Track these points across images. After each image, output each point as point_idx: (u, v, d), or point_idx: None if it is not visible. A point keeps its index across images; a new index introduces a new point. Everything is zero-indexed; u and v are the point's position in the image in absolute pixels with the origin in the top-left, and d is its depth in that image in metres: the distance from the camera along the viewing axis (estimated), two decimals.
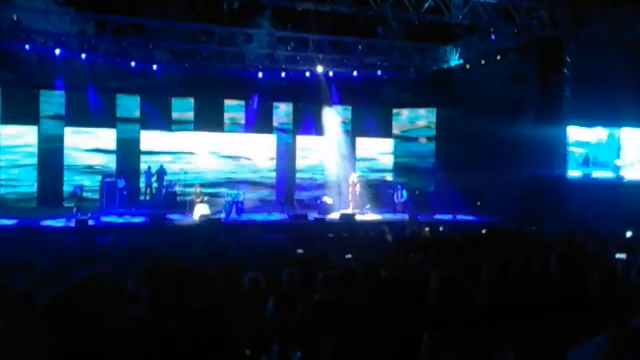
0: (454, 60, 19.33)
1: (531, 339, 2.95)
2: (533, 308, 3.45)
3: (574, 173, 17.67)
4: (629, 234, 10.67)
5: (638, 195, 16.08)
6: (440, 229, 13.18)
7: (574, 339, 2.26)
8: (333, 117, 21.58)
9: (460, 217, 17.67)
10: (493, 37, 17.20)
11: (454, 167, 19.24)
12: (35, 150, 18.55)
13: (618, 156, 18.71)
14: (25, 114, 18.20)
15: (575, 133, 17.84)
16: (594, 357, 1.89)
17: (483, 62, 18.10)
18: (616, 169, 18.59)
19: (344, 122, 21.98)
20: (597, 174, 18.30)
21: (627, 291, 3.91)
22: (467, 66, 18.87)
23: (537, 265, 4.33)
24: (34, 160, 18.54)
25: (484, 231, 12.10)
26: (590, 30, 15.87)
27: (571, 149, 17.79)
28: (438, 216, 17.73)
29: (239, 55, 19.08)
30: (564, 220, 13.24)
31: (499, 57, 17.59)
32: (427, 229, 12.20)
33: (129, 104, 19.73)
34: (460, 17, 16.04)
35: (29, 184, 18.45)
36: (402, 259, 7.03)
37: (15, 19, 15.60)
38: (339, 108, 21.81)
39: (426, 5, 15.65)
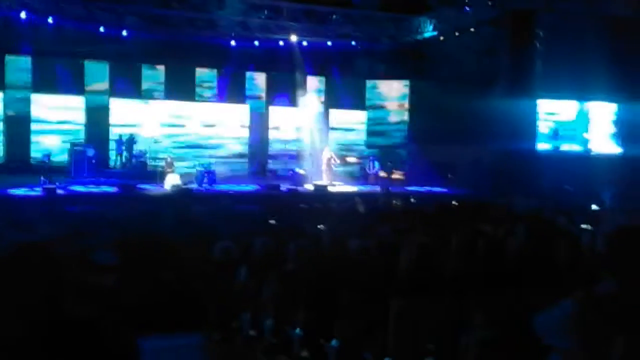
0: (428, 31, 19.29)
1: (499, 305, 3.02)
2: (501, 277, 3.51)
3: (543, 146, 17.91)
4: (594, 207, 10.92)
5: (605, 169, 16.39)
6: (412, 200, 13.31)
7: (540, 305, 2.32)
8: (307, 87, 21.46)
9: (431, 188, 17.85)
10: (467, 8, 17.19)
11: (426, 139, 19.33)
12: (0, 117, 18.09)
13: (587, 130, 19.01)
14: None
15: (546, 106, 18.03)
16: (561, 322, 1.93)
17: (457, 34, 18.10)
18: (584, 142, 18.89)
19: (317, 93, 21.85)
20: (566, 147, 18.58)
21: (591, 260, 4.01)
22: (441, 38, 18.86)
23: (506, 236, 4.41)
24: (0, 128, 18.09)
25: (454, 203, 12.28)
26: (563, 4, 15.97)
27: (541, 121, 18.00)
28: (410, 188, 17.87)
29: (211, 22, 18.73)
30: (533, 193, 13.45)
31: (473, 30, 17.62)
32: (398, 200, 12.31)
33: (98, 71, 19.31)
34: None
35: None
36: (373, 230, 7.08)
37: None
38: (312, 79, 21.68)
39: None
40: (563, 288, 3.29)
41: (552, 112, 18.39)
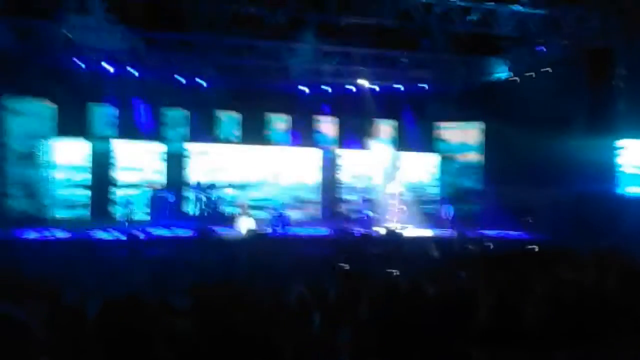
0: (501, 73, 19.04)
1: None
2: (589, 328, 3.32)
3: (635, 189, 16.85)
4: None
5: None
6: (489, 245, 12.92)
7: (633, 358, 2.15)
8: (377, 130, 21.56)
9: (508, 233, 17.29)
10: (542, 49, 16.88)
11: (502, 182, 18.86)
12: (87, 163, 19.02)
13: None
14: (77, 129, 18.72)
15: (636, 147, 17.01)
16: None
17: (532, 74, 17.74)
18: None
19: (388, 136, 21.90)
20: None
21: None
22: (515, 79, 18.54)
23: (593, 284, 4.18)
24: (87, 175, 18.99)
25: (534, 247, 11.80)
26: None
27: (628, 163, 17.01)
28: (486, 232, 17.39)
29: (282, 70, 19.25)
30: (619, 239, 12.73)
31: (548, 70, 17.22)
32: (474, 245, 11.97)
33: (177, 118, 20.16)
34: (508, 28, 15.82)
35: (82, 197, 18.89)
36: (449, 276, 6.89)
37: (69, 36, 16.14)
38: (383, 122, 21.78)
39: (472, 17, 15.51)
40: None
41: None
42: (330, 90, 20.20)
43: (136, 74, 18.09)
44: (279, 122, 21.36)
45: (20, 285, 5.74)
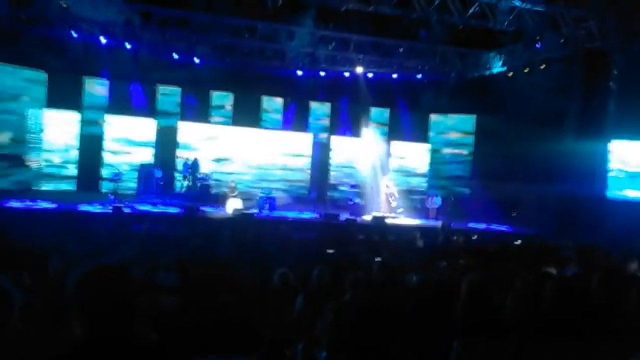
0: (497, 67, 19.05)
1: (562, 354, 2.88)
2: (568, 324, 3.37)
3: (628, 192, 16.91)
4: None
5: None
6: (474, 237, 13.02)
7: (609, 355, 2.20)
8: (370, 118, 21.55)
9: (494, 226, 17.42)
10: (538, 45, 16.89)
11: (490, 176, 18.94)
12: (76, 136, 18.87)
13: None
14: (69, 100, 18.54)
15: (626, 150, 17.08)
16: None
17: (526, 70, 17.77)
18: None
19: (380, 125, 21.91)
20: None
21: None
22: (510, 74, 18.56)
23: (575, 282, 4.23)
24: (75, 146, 18.85)
25: (518, 242, 11.92)
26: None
27: (621, 166, 17.05)
28: (472, 224, 17.51)
29: (279, 52, 19.14)
30: (603, 239, 12.84)
31: (543, 67, 17.24)
32: (459, 236, 12.06)
33: (169, 95, 20.02)
34: (506, 23, 15.81)
35: (70, 169, 18.76)
36: (433, 265, 6.96)
37: (64, 6, 15.91)
38: (376, 110, 21.77)
39: (471, 10, 15.48)
40: (634, 338, 3.12)
41: (633, 155, 17.40)
42: (324, 74, 20.10)
43: (129, 46, 17.87)
44: (273, 105, 21.28)
45: (5, 254, 5.73)
